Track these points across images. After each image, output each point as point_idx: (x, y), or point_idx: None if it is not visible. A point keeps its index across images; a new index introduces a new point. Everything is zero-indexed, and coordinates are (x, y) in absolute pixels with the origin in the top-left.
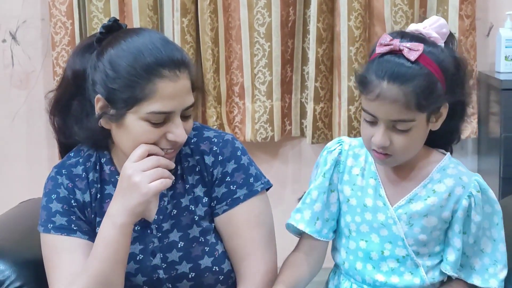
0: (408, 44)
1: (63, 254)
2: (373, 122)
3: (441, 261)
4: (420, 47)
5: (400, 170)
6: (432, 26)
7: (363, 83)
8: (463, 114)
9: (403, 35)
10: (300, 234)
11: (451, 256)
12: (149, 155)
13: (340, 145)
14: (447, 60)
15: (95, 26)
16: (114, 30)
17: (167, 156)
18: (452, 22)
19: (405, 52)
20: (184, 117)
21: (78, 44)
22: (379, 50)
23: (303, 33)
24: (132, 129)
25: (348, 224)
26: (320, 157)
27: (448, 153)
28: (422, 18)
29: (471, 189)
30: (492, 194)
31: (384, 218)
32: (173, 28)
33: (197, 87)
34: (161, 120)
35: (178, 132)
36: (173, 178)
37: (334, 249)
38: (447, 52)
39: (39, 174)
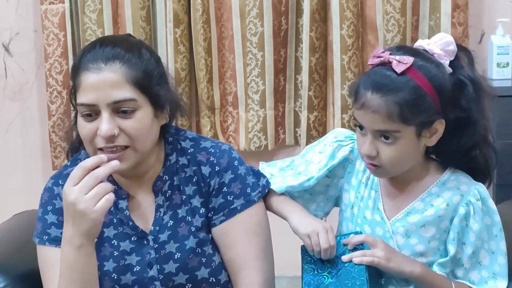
0: (398, 57)
1: (56, 266)
2: (364, 133)
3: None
4: (409, 60)
5: (399, 183)
6: (437, 43)
7: (352, 92)
8: (468, 130)
9: (399, 49)
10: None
11: (442, 258)
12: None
13: (352, 142)
14: (442, 76)
15: (89, 37)
16: None
17: (113, 156)
18: (445, 30)
19: (393, 64)
20: (121, 113)
21: None
22: (371, 62)
23: (295, 42)
24: (77, 126)
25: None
26: (328, 139)
27: (451, 167)
28: (431, 31)
29: (470, 197)
30: (492, 204)
31: (382, 233)
32: (166, 39)
33: (159, 88)
34: (88, 112)
35: (102, 126)
36: (113, 187)
37: None
38: (444, 69)
39: (33, 186)
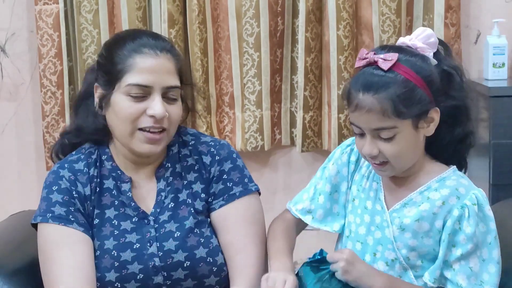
0: (382, 55)
1: (61, 246)
2: (362, 134)
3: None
4: (394, 56)
5: (401, 177)
6: (419, 37)
7: (345, 96)
8: (463, 119)
9: (383, 48)
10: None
11: (432, 259)
12: None
13: (353, 144)
14: (428, 67)
15: (85, 38)
16: None
17: (153, 136)
18: (438, 30)
19: (380, 62)
20: (169, 99)
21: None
22: (357, 64)
23: (291, 42)
24: (116, 106)
25: (350, 224)
26: (336, 154)
27: (454, 167)
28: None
29: (466, 201)
30: (489, 211)
31: (380, 221)
32: None
33: (187, 83)
34: (140, 93)
35: (156, 107)
36: None
37: (336, 246)
38: (429, 60)
39: (29, 187)
